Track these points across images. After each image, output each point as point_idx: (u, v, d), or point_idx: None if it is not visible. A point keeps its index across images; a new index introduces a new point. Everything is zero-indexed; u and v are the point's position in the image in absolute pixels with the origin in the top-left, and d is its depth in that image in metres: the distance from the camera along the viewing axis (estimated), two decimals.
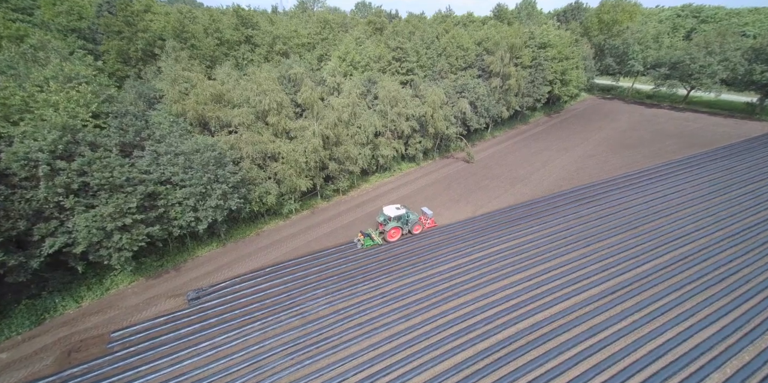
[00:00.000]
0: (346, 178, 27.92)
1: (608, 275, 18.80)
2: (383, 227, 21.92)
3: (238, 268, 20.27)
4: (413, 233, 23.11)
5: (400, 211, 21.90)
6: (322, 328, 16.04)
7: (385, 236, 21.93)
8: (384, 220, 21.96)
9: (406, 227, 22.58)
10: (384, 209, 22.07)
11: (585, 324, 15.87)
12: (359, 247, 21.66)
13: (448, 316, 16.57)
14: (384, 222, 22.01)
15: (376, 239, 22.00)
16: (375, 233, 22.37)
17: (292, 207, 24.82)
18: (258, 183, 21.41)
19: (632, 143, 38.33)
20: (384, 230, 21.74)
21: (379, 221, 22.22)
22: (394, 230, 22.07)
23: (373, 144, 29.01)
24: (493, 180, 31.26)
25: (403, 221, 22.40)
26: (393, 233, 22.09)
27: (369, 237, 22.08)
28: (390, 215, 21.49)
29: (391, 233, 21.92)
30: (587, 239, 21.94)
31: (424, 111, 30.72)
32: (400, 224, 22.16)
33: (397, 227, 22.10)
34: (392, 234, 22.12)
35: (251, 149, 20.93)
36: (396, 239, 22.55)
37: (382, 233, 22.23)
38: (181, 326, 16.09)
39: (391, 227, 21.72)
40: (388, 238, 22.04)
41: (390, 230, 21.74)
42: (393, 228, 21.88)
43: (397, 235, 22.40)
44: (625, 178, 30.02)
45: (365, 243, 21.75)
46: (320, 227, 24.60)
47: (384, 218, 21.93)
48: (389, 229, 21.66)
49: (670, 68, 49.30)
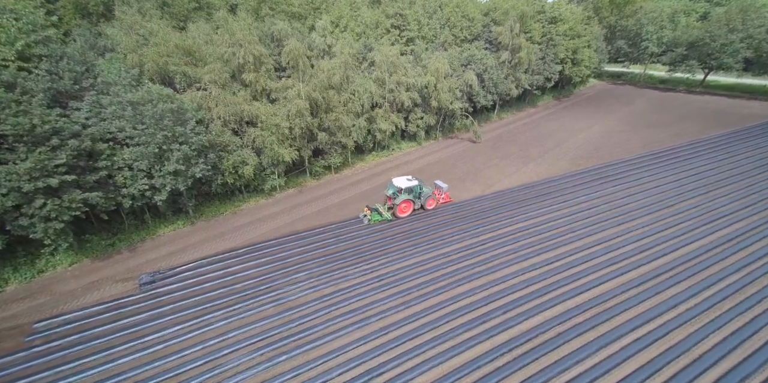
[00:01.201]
0: (339, 153, 24.95)
1: (647, 257, 15.98)
2: (392, 202, 19.21)
3: (207, 249, 17.25)
4: (426, 209, 20.39)
5: (412, 182, 19.18)
6: (302, 317, 13.08)
7: (395, 211, 19.23)
8: (393, 193, 19.34)
9: (419, 202, 19.91)
10: (393, 180, 19.43)
11: (628, 312, 13.03)
12: (366, 223, 19.04)
13: (457, 303, 13.68)
14: (393, 196, 19.37)
15: (385, 215, 19.34)
16: (383, 207, 19.68)
17: (275, 183, 21.80)
18: (232, 150, 18.38)
19: (652, 123, 35.66)
20: (394, 204, 19.08)
21: (388, 194, 19.58)
22: (405, 204, 19.42)
23: (369, 116, 26.04)
24: (504, 159, 28.45)
25: (415, 194, 19.79)
26: (404, 207, 19.44)
27: (377, 212, 19.48)
28: (400, 187, 18.78)
29: (401, 207, 19.28)
30: (617, 218, 19.13)
31: (426, 81, 27.77)
32: (411, 198, 19.52)
33: (408, 201, 19.44)
34: (403, 209, 19.46)
35: (223, 110, 17.90)
36: (407, 215, 19.88)
37: (391, 208, 19.54)
38: (125, 315, 13.06)
39: (402, 200, 19.05)
40: (398, 213, 19.37)
41: (400, 204, 19.08)
42: (404, 202, 19.22)
43: (408, 210, 19.74)
44: (651, 156, 27.28)
45: (372, 219, 19.14)
46: (308, 206, 21.62)
47: (393, 191, 19.31)
48: (399, 203, 19.00)
49: (688, 48, 46.68)
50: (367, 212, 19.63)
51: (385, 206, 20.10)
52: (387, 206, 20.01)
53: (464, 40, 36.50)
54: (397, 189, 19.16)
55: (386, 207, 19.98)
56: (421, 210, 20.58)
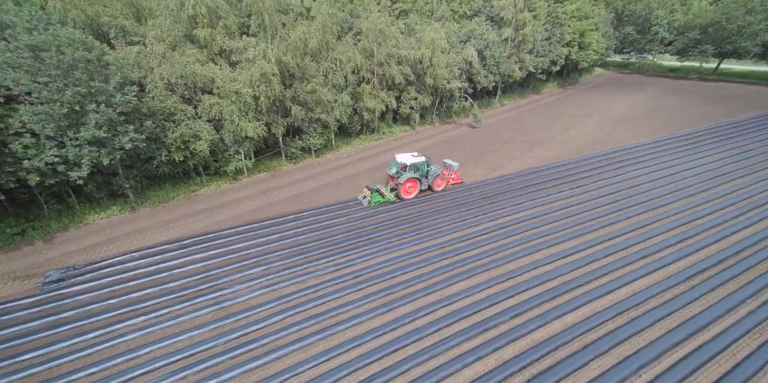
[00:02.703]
0: (318, 133, 22.04)
1: (687, 247, 13.15)
2: (395, 182, 16.92)
3: (144, 240, 14.22)
4: (435, 190, 17.97)
5: (418, 158, 16.71)
6: (249, 325, 10.12)
7: (399, 192, 16.97)
8: (397, 172, 16.92)
9: (426, 182, 17.54)
10: (397, 157, 17.02)
11: (672, 317, 10.22)
12: (366, 205, 16.85)
13: (452, 304, 10.80)
14: (396, 175, 16.85)
15: (388, 196, 16.95)
16: (385, 188, 17.50)
17: (241, 165, 18.81)
18: (180, 121, 15.41)
19: (668, 108, 33.18)
20: (398, 184, 16.64)
21: (391, 173, 17.25)
22: (410, 184, 17.06)
23: (354, 91, 23.19)
24: (507, 143, 25.73)
25: (421, 172, 17.31)
26: (408, 187, 17.09)
27: (378, 193, 17.07)
28: (405, 163, 16.37)
29: (406, 187, 16.96)
30: (644, 203, 16.38)
31: (420, 54, 25.02)
32: (418, 176, 17.03)
33: (413, 180, 17.05)
34: (408, 189, 17.12)
35: (168, 71, 14.94)
36: (412, 196, 17.51)
37: (394, 189, 17.32)
38: (8, 323, 10.02)
39: (407, 179, 16.62)
40: (402, 194, 17.04)
41: (405, 184, 16.77)
42: (409, 181, 16.82)
43: (413, 190, 17.36)
44: (674, 139, 24.67)
45: (373, 200, 16.75)
46: (279, 192, 18.67)
47: (397, 170, 16.92)
48: (404, 182, 16.59)
49: (701, 32, 44.49)
50: (367, 193, 17.13)
51: (388, 186, 17.68)
52: (390, 186, 17.56)
53: (463, 16, 33.90)
54: (401, 166, 16.71)
55: (389, 188, 17.53)
56: (429, 192, 18.18)
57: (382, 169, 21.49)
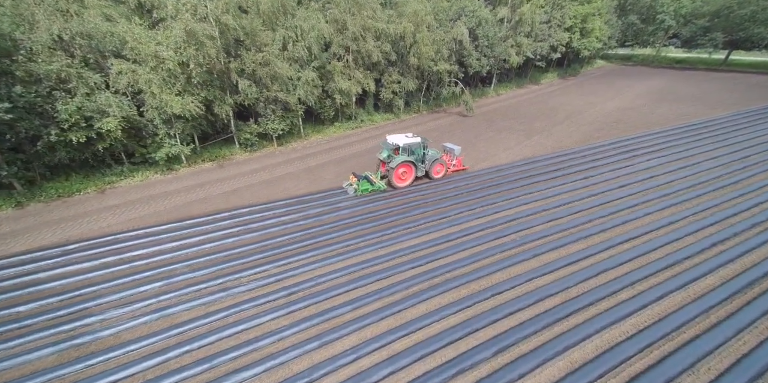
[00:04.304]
0: (279, 116, 19.05)
1: (735, 246, 10.48)
2: (386, 168, 14.74)
3: (19, 243, 11.13)
4: (433, 178, 15.72)
5: (413, 139, 14.40)
6: (116, 370, 7.14)
7: (391, 179, 14.75)
8: (388, 156, 14.73)
9: (422, 167, 15.31)
10: (388, 137, 14.80)
11: (744, 336, 7.44)
12: (352, 194, 14.53)
13: (413, 335, 7.90)
14: (387, 159, 14.62)
15: (377, 183, 14.67)
16: (375, 175, 15.36)
17: (175, 151, 15.73)
18: (76, 89, 12.32)
19: (680, 96, 30.77)
20: (389, 169, 14.46)
21: (381, 158, 15.00)
22: (404, 169, 14.83)
23: (322, 66, 20.25)
24: (501, 132, 23.03)
25: (417, 156, 14.86)
26: (402, 173, 14.87)
27: (366, 180, 14.63)
28: (397, 144, 14.21)
29: (399, 173, 14.74)
30: (668, 196, 13.66)
31: (402, 29, 22.21)
32: (413, 160, 14.67)
33: (408, 165, 14.76)
34: (401, 176, 14.91)
35: (59, 26, 11.88)
36: (406, 184, 15.29)
37: (385, 176, 15.24)
38: None
39: (400, 162, 14.30)
40: (394, 181, 14.86)
41: (397, 169, 14.49)
42: (402, 165, 14.51)
43: (408, 177, 15.20)
44: (692, 127, 22.11)
45: (360, 188, 14.44)
46: (222, 184, 15.68)
47: (388, 154, 14.72)
48: (396, 166, 14.30)
49: (711, 19, 42.45)
50: (353, 180, 14.80)
51: (378, 173, 15.38)
52: (380, 173, 15.30)
53: None
54: (393, 148, 14.48)
55: (379, 175, 15.22)
56: (427, 179, 15.81)
57: (356, 158, 18.67)
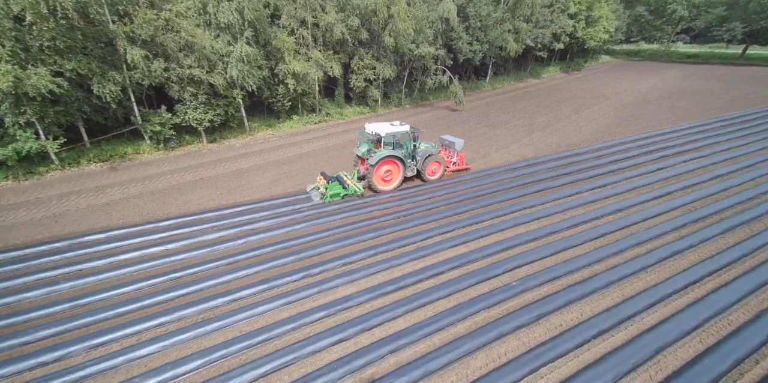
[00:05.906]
0: (201, 102, 15.00)
1: None
2: (366, 164, 11.10)
3: None
4: (427, 179, 12.25)
5: (400, 128, 10.97)
6: None
7: (371, 180, 11.06)
8: (368, 150, 11.33)
9: (413, 165, 11.79)
10: (367, 126, 11.25)
11: None
12: (318, 200, 10.88)
13: None
14: (367, 155, 11.16)
15: (353, 187, 11.11)
16: (351, 176, 11.84)
17: (34, 148, 11.72)
18: None
19: (700, 90, 27.44)
20: (369, 167, 10.81)
21: (359, 154, 11.47)
22: (389, 167, 11.22)
23: (268, 43, 16.52)
24: (495, 128, 19.44)
25: (405, 150, 11.47)
26: (386, 173, 11.25)
27: (338, 183, 11.03)
28: (380, 134, 10.64)
29: (381, 173, 11.10)
30: (721, 212, 10.02)
31: (373, 1, 18.61)
32: (400, 156, 11.15)
33: (393, 161, 11.16)
34: (384, 176, 11.29)
35: None
36: (393, 187, 11.73)
37: (363, 178, 11.71)
38: None
39: (382, 159, 10.72)
40: (377, 183, 11.21)
41: (379, 167, 10.90)
42: (386, 161, 10.96)
43: (394, 178, 11.61)
44: (726, 122, 18.62)
45: (330, 193, 10.85)
46: (95, 195, 11.75)
47: (369, 147, 11.36)
48: (378, 163, 10.73)
49: (728, 8, 39.50)
50: (321, 181, 11.16)
51: (355, 173, 11.89)
52: (358, 173, 11.88)
53: None
54: (375, 140, 11.02)
55: (356, 175, 11.82)
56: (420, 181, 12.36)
57: (306, 158, 14.94)
